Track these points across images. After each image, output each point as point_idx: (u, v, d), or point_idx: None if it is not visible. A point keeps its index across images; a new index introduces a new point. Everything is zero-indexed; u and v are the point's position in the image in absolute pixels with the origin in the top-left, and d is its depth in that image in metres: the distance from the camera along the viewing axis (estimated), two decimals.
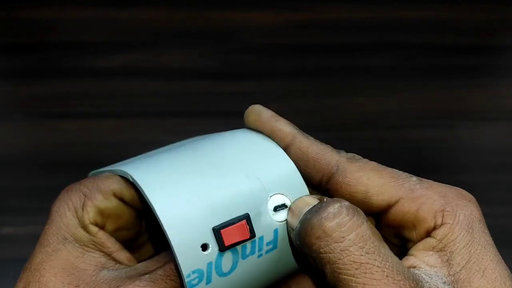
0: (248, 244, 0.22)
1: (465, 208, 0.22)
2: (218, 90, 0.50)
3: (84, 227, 0.24)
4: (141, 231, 0.28)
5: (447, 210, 0.22)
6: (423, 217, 0.22)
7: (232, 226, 0.22)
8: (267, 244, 0.22)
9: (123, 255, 0.25)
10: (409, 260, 0.21)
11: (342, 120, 0.48)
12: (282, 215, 0.23)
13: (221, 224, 0.22)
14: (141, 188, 0.23)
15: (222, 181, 0.23)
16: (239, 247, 0.22)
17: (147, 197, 0.22)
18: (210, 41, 0.56)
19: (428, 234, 0.22)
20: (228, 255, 0.22)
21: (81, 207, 0.24)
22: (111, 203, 0.25)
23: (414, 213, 0.22)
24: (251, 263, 0.22)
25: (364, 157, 0.25)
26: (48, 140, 0.46)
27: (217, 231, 0.21)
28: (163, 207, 0.22)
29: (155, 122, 0.47)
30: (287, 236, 0.23)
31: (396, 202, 0.22)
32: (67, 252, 0.23)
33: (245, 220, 0.22)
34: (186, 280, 0.21)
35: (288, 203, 0.23)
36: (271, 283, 0.25)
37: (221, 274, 0.22)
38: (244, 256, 0.22)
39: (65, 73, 0.52)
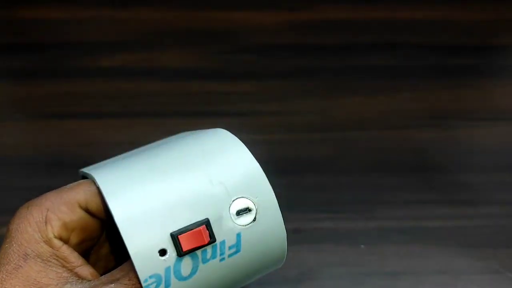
0: (209, 249, 0.22)
1: None
2: (218, 90, 0.50)
3: (47, 242, 0.24)
4: (101, 242, 0.28)
5: None
6: None
7: (191, 231, 0.21)
8: (230, 248, 0.22)
9: (86, 270, 0.24)
10: None
11: (342, 120, 0.48)
12: (246, 219, 0.23)
13: (179, 230, 0.22)
14: (102, 192, 0.23)
15: (184, 185, 0.23)
16: (199, 252, 0.22)
17: (107, 202, 0.22)
18: (210, 41, 0.56)
19: None
20: (187, 259, 0.22)
21: (44, 221, 0.24)
22: (76, 215, 0.24)
23: None
24: (213, 267, 0.22)
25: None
26: (48, 140, 0.46)
27: (175, 237, 0.21)
28: (122, 212, 0.22)
29: (155, 122, 0.47)
30: (252, 239, 0.23)
31: None
32: (29, 268, 0.23)
33: (204, 226, 0.22)
34: (144, 284, 0.21)
35: (252, 206, 0.23)
36: (243, 283, 0.25)
37: (181, 279, 0.22)
38: (204, 261, 0.22)
39: (65, 73, 0.52)
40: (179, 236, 0.21)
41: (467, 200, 0.41)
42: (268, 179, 0.25)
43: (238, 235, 0.22)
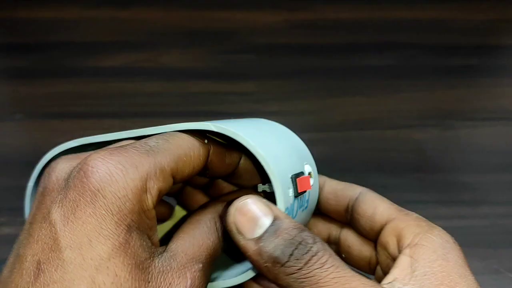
0: (303, 197, 0.27)
1: (440, 236, 0.25)
2: (218, 90, 0.50)
3: (146, 212, 0.21)
4: None
5: (425, 234, 0.25)
6: (405, 234, 0.25)
7: (303, 177, 0.26)
8: (306, 202, 0.27)
9: (157, 237, 0.22)
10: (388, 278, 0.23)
11: (342, 120, 0.48)
12: (310, 181, 0.28)
13: (296, 174, 0.26)
14: (256, 152, 0.25)
15: (288, 144, 0.28)
16: (298, 199, 0.26)
17: (264, 161, 0.25)
18: (210, 41, 0.56)
19: (402, 250, 0.24)
20: (295, 202, 0.26)
21: (144, 190, 0.21)
22: (167, 184, 0.22)
23: (400, 230, 0.25)
24: (300, 214, 0.27)
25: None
26: (48, 140, 0.46)
27: (294, 179, 0.26)
28: (265, 155, 0.25)
29: (155, 122, 0.47)
30: (310, 197, 0.28)
31: (392, 220, 0.27)
32: (134, 242, 0.20)
33: (309, 174, 0.28)
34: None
35: (311, 171, 0.29)
36: None
37: (293, 216, 0.26)
38: (299, 208, 0.27)
39: (65, 73, 0.52)
40: (297, 179, 0.26)
41: (467, 200, 0.41)
42: None
43: (308, 193, 0.27)
